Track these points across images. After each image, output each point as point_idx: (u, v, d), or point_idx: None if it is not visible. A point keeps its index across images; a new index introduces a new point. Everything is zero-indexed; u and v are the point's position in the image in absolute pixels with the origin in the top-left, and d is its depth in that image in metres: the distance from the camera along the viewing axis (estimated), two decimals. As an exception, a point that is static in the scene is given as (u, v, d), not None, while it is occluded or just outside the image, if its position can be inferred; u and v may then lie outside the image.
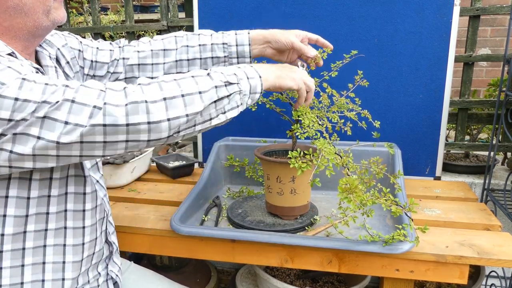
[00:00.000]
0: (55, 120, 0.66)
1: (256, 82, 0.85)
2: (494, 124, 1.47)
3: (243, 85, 0.82)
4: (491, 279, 1.59)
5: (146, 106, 0.69)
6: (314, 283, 1.56)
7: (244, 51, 1.10)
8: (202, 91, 0.75)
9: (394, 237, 0.97)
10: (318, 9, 1.54)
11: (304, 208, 1.18)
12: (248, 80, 0.83)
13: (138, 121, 0.69)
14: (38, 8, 0.79)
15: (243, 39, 1.10)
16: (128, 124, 0.68)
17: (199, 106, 0.74)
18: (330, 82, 1.25)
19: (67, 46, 1.00)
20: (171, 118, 0.71)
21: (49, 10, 0.80)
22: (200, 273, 1.81)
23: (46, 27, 0.82)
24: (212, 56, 1.10)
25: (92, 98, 0.67)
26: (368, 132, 1.60)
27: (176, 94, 0.72)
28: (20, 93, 0.65)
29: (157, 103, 0.70)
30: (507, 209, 1.31)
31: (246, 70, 0.84)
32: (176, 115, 0.72)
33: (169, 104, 0.71)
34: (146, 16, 3.28)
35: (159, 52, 1.09)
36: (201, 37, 1.10)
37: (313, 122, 1.01)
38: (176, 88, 0.73)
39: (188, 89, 0.74)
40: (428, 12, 1.46)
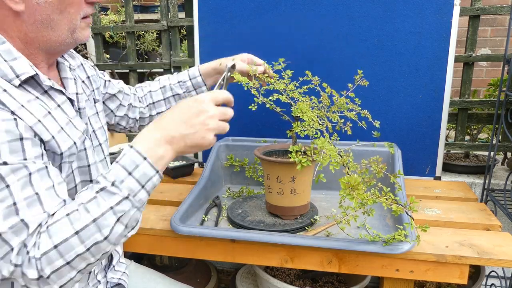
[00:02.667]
0: None
1: (153, 182, 0.76)
2: (494, 124, 1.47)
3: (139, 198, 0.74)
4: (491, 279, 1.59)
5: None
6: (314, 283, 1.56)
7: (198, 81, 1.23)
8: (107, 238, 0.73)
9: (394, 237, 0.97)
10: (318, 9, 1.54)
11: (304, 208, 1.18)
12: (145, 187, 0.75)
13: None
14: (64, 26, 0.81)
15: (194, 72, 1.24)
16: None
17: (91, 260, 0.74)
18: (330, 81, 1.25)
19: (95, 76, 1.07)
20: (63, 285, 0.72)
21: (75, 28, 0.82)
22: (200, 273, 1.81)
23: (68, 43, 0.83)
24: (173, 94, 1.24)
25: None
26: (368, 132, 1.60)
27: (59, 265, 0.70)
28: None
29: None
30: (507, 209, 1.31)
31: (139, 174, 0.74)
32: (65, 282, 0.72)
33: (51, 279, 0.70)
34: (146, 16, 3.28)
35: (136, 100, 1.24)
36: (161, 81, 1.25)
37: (313, 121, 1.01)
38: (59, 259, 0.70)
39: (74, 254, 0.71)
40: (428, 12, 1.46)
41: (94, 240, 0.71)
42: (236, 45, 1.64)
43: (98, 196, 0.72)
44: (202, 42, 1.67)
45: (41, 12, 0.77)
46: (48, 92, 0.82)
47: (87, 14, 0.84)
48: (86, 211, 0.71)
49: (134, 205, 0.74)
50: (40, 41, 0.80)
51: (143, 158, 0.74)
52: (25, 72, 0.77)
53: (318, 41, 1.57)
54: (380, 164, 1.03)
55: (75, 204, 0.72)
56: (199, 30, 1.66)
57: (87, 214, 0.71)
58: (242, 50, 1.64)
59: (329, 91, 1.17)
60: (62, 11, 0.79)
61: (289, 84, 1.16)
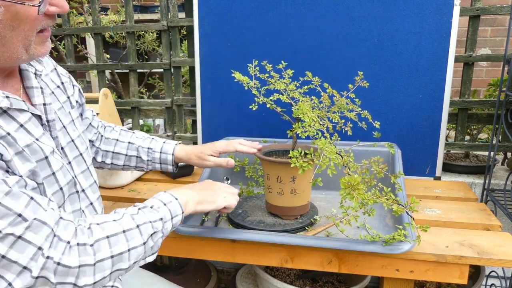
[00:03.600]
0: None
1: (177, 220, 0.88)
2: (494, 124, 1.47)
3: (166, 229, 0.85)
4: (491, 279, 1.59)
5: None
6: (314, 283, 1.56)
7: (167, 159, 1.17)
8: (132, 248, 0.78)
9: (394, 237, 0.97)
10: (318, 9, 1.54)
11: (304, 208, 1.18)
12: (172, 220, 0.87)
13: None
14: (18, 43, 0.74)
15: (168, 148, 1.17)
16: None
17: (126, 265, 0.78)
18: (330, 81, 1.25)
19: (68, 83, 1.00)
20: (98, 280, 0.74)
21: (29, 44, 0.76)
22: (200, 273, 1.81)
23: (24, 59, 0.78)
24: (137, 155, 1.17)
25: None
26: (369, 132, 1.60)
27: (106, 256, 0.74)
28: None
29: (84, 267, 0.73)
30: (507, 209, 1.31)
31: (172, 207, 0.87)
32: (102, 277, 0.74)
33: (97, 267, 0.73)
34: (146, 16, 3.28)
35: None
36: (133, 136, 1.19)
37: (314, 122, 1.01)
38: (107, 249, 0.75)
39: (119, 249, 0.76)
40: (428, 12, 1.46)
41: (134, 244, 0.78)
42: (236, 45, 1.64)
43: (140, 212, 0.83)
44: (202, 42, 1.67)
45: None
46: (8, 112, 0.75)
47: (45, 27, 0.77)
48: (131, 218, 0.80)
49: (163, 228, 0.84)
50: None
51: (175, 198, 0.89)
52: None
53: (318, 41, 1.57)
54: (380, 164, 1.03)
55: (119, 214, 0.81)
56: (199, 30, 1.66)
57: (132, 221, 0.80)
58: (242, 50, 1.64)
59: (330, 92, 1.17)
60: (14, 28, 0.72)
61: (290, 84, 1.16)
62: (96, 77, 2.38)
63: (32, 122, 0.79)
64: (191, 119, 2.02)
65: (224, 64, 1.67)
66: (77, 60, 2.12)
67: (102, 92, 1.58)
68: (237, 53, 1.65)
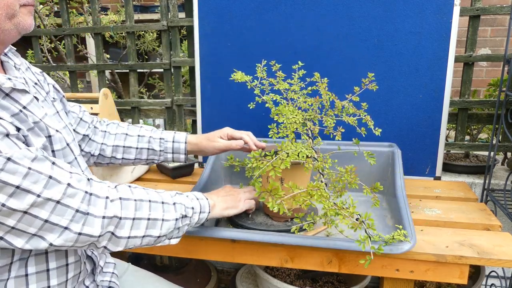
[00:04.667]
0: (35, 217, 0.71)
1: (203, 216, 0.98)
2: (494, 124, 1.47)
3: (193, 219, 0.94)
4: (491, 279, 1.59)
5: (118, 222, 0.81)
6: (314, 283, 1.56)
7: (180, 148, 1.19)
8: (165, 219, 0.87)
9: (394, 237, 0.97)
10: (318, 9, 1.54)
11: (295, 210, 1.14)
12: (199, 214, 0.96)
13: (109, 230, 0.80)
14: (1, 11, 0.75)
15: (180, 137, 1.20)
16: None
17: (157, 233, 0.86)
18: (330, 82, 1.25)
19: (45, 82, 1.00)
20: (131, 237, 0.82)
21: (14, 14, 0.77)
22: (200, 273, 1.81)
23: (8, 30, 0.78)
24: (148, 147, 1.18)
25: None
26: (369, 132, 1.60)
27: (144, 216, 0.84)
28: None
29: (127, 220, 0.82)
30: (507, 209, 1.31)
31: (202, 203, 0.97)
32: (135, 235, 0.83)
33: (135, 223, 0.83)
34: (146, 16, 3.28)
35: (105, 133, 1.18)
36: (142, 129, 1.20)
37: (291, 124, 1.01)
38: (147, 210, 0.85)
39: (156, 215, 0.86)
40: (428, 12, 1.46)
41: (168, 217, 0.87)
42: (236, 45, 1.64)
43: (177, 194, 0.94)
44: (202, 42, 1.67)
45: None
46: (10, 94, 0.75)
47: (26, 3, 0.79)
48: (170, 195, 0.91)
49: (191, 217, 0.93)
50: None
51: (206, 198, 1.00)
52: None
53: (318, 41, 1.57)
54: (353, 174, 1.03)
55: (159, 190, 0.92)
56: (199, 30, 1.66)
57: (170, 197, 0.91)
58: (242, 50, 1.64)
59: (327, 96, 1.15)
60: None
61: (295, 84, 1.15)
62: (96, 77, 2.38)
63: (34, 103, 0.81)
64: (191, 119, 2.02)
65: (224, 64, 1.67)
66: (77, 60, 2.12)
67: (102, 92, 1.58)
68: (237, 53, 1.65)
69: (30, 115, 0.77)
